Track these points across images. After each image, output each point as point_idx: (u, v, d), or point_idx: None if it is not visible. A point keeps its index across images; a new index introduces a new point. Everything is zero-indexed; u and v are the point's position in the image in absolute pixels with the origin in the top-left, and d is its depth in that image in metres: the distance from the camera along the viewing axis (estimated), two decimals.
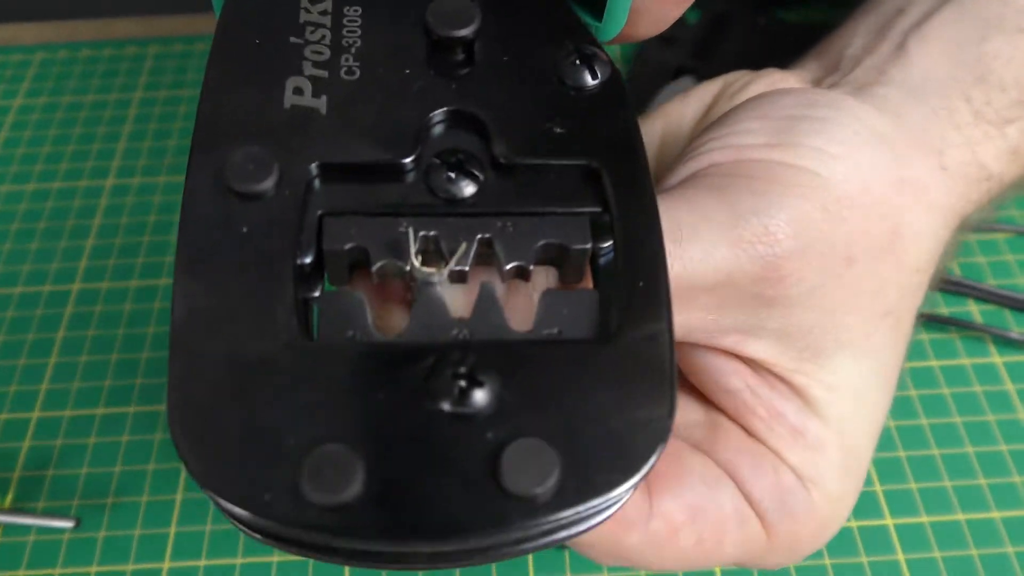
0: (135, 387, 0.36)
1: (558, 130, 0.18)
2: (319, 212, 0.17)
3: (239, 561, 0.31)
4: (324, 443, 0.14)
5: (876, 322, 0.23)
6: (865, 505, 0.32)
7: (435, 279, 0.16)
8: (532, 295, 0.18)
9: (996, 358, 0.36)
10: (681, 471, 0.23)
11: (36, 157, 0.44)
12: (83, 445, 0.34)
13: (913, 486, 0.32)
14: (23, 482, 0.33)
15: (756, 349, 0.23)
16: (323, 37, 0.19)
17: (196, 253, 0.16)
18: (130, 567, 0.31)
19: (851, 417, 0.23)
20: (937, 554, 0.31)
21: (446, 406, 0.15)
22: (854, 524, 0.31)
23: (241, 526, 0.15)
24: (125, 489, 0.33)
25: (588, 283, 0.18)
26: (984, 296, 0.37)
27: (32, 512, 0.32)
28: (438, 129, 0.18)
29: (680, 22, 0.48)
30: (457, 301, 0.17)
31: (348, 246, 0.16)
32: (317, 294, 0.17)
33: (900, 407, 0.34)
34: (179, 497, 0.33)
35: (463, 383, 0.15)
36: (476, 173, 0.17)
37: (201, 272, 0.16)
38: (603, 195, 0.17)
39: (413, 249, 0.16)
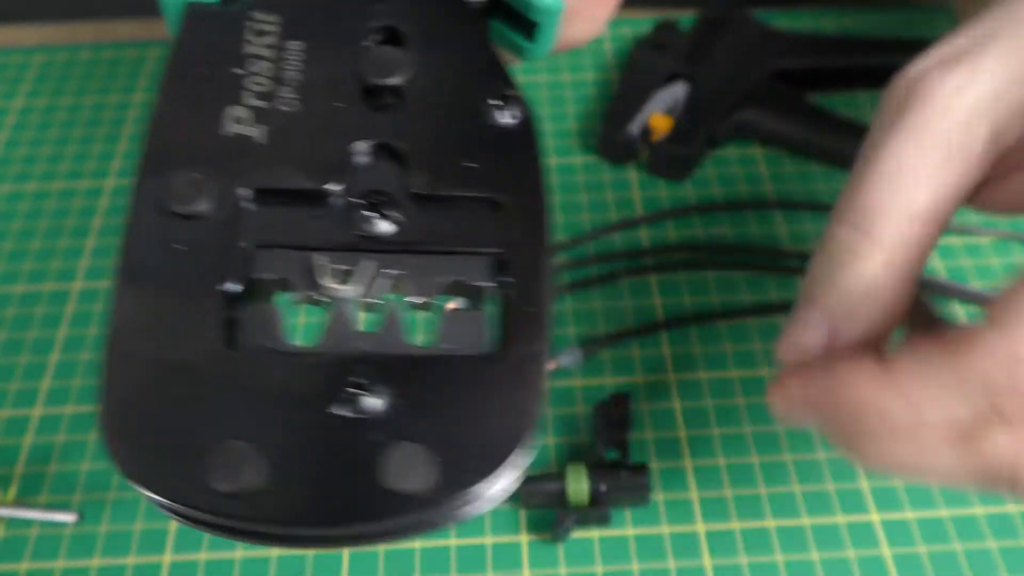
0: None
1: (471, 165, 0.19)
2: (249, 240, 0.18)
3: (238, 555, 0.32)
4: (230, 439, 0.16)
5: None
6: (852, 501, 0.33)
7: (348, 296, 0.18)
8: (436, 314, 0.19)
9: None
10: None
11: (36, 158, 0.45)
12: (84, 441, 0.34)
13: (899, 483, 0.33)
14: (26, 477, 0.34)
15: None
16: (265, 69, 0.20)
17: (135, 266, 0.18)
18: (131, 560, 0.32)
19: None
20: (922, 549, 0.32)
21: (343, 411, 0.17)
22: (841, 520, 0.32)
23: (163, 511, 0.16)
24: (126, 484, 0.33)
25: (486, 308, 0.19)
26: (969, 298, 0.38)
27: (35, 506, 0.33)
28: (364, 159, 0.20)
29: (673, 29, 0.49)
30: (367, 319, 0.19)
31: (273, 276, 0.18)
32: (242, 311, 0.18)
33: None
34: None
35: (358, 391, 0.17)
36: (394, 213, 0.19)
37: (138, 284, 0.17)
38: (504, 229, 0.19)
39: (331, 280, 0.18)
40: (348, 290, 0.18)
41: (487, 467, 0.16)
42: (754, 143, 0.45)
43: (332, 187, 0.19)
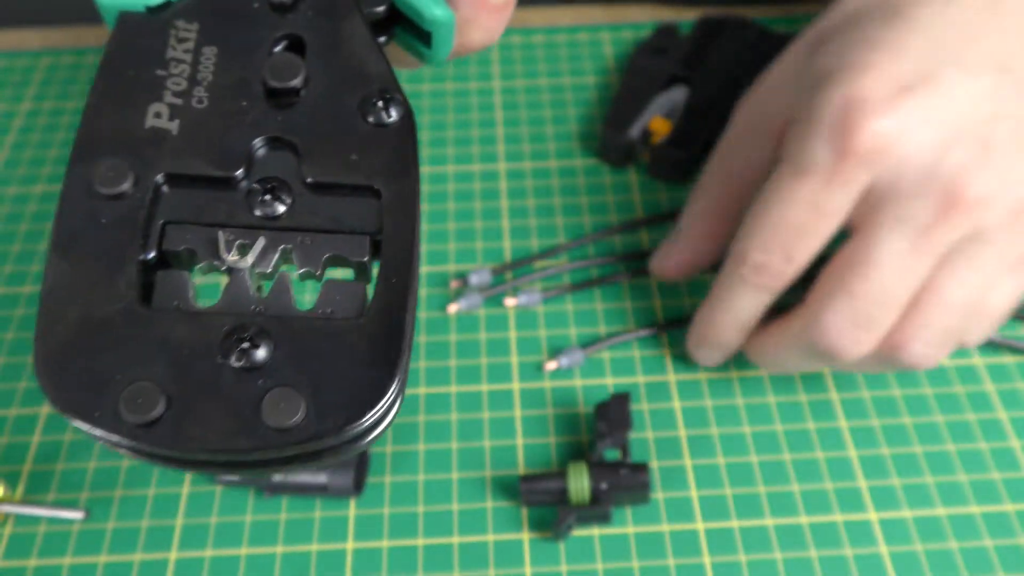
0: None
1: (354, 157, 0.23)
2: (164, 217, 0.22)
3: (244, 552, 0.32)
4: (140, 381, 0.20)
5: None
6: (850, 500, 0.33)
7: (244, 266, 0.21)
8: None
9: (977, 359, 0.37)
10: None
11: (43, 160, 0.45)
12: (91, 440, 0.35)
13: (896, 482, 0.34)
14: (34, 475, 0.34)
15: None
16: (183, 71, 0.23)
17: (65, 238, 0.21)
18: (138, 557, 0.32)
19: None
20: (919, 547, 0.32)
21: (232, 361, 0.20)
22: (839, 518, 0.33)
23: (91, 437, 0.20)
24: (133, 482, 0.34)
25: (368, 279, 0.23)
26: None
27: (43, 504, 0.33)
28: (264, 151, 0.23)
29: (672, 33, 0.49)
30: (263, 286, 0.22)
31: (182, 248, 0.22)
32: (158, 277, 0.22)
33: (884, 406, 0.35)
34: (185, 490, 0.34)
35: (246, 345, 0.20)
36: (286, 197, 0.22)
37: (67, 253, 0.21)
38: (381, 213, 0.22)
39: (231, 253, 0.22)
40: (245, 261, 0.21)
41: (352, 410, 0.20)
42: None
43: (235, 174, 0.22)
